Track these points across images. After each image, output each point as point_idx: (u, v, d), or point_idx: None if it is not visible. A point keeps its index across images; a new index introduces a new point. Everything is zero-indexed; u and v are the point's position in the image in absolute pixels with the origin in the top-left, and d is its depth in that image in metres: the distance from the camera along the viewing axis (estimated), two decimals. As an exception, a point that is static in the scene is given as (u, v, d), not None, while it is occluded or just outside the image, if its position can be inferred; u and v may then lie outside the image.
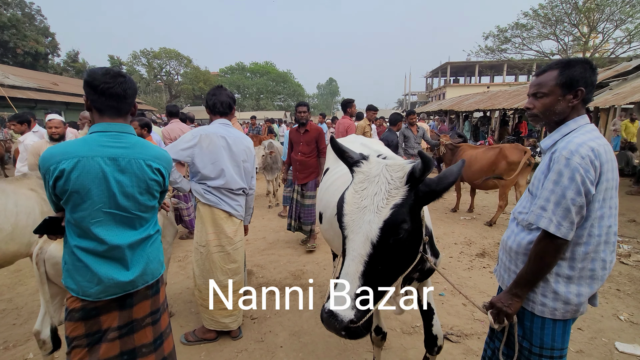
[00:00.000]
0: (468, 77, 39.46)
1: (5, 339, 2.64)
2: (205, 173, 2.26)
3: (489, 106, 11.23)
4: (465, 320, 2.78)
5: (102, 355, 1.47)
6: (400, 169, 1.16)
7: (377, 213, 1.09)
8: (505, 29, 20.98)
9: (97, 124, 1.44)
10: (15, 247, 2.31)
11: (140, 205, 1.47)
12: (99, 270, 1.40)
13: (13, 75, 18.71)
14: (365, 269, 1.08)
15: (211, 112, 2.41)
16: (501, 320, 1.30)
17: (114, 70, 1.44)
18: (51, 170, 1.32)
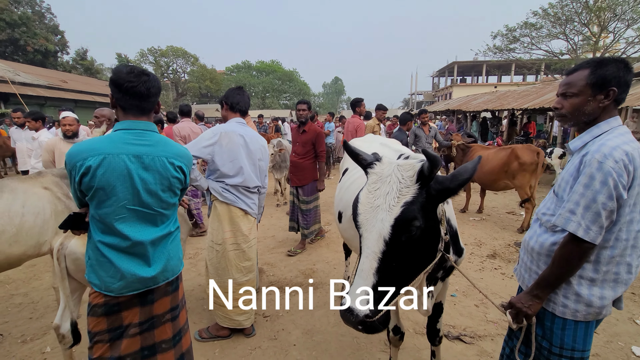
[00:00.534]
0: (475, 76, 39.14)
1: (22, 332, 2.68)
2: (224, 171, 2.28)
3: (497, 106, 11.13)
4: (478, 322, 2.77)
5: (124, 351, 1.49)
6: (411, 168, 1.17)
7: (389, 211, 1.12)
8: (514, 28, 20.75)
9: (122, 122, 1.46)
10: (20, 249, 2.26)
11: (162, 203, 1.48)
12: (122, 266, 1.42)
13: (24, 73, 18.94)
14: (380, 266, 1.10)
15: (231, 109, 2.43)
16: (520, 321, 1.29)
17: (138, 69, 1.45)
18: (77, 166, 1.34)
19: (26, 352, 2.46)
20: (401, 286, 1.18)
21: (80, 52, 30.63)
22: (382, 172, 1.21)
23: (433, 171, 1.13)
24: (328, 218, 5.71)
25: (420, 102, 43.99)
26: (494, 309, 2.95)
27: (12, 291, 3.35)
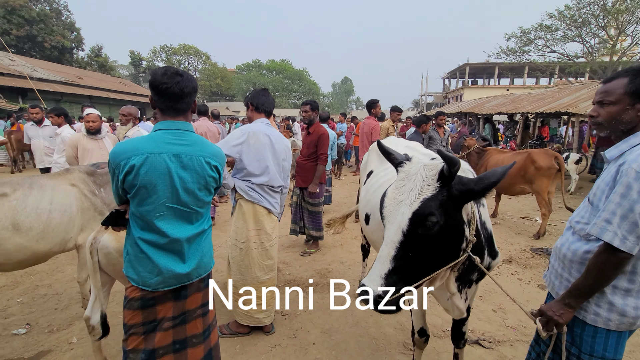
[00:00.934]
0: (487, 78, 38.72)
1: (49, 323, 2.76)
2: (251, 169, 2.32)
3: (511, 109, 10.99)
4: (497, 327, 2.76)
5: (157, 343, 1.54)
6: (434, 168, 1.23)
7: (410, 206, 1.19)
8: (529, 30, 20.46)
9: (161, 122, 1.50)
10: (47, 246, 2.31)
11: (198, 201, 1.52)
12: (159, 262, 1.46)
13: (41, 69, 19.38)
14: (396, 254, 1.18)
15: (256, 110, 2.47)
16: (550, 329, 1.29)
17: (172, 70, 1.49)
18: (121, 165, 1.38)
19: (54, 341, 2.53)
20: (417, 277, 1.24)
21: (95, 49, 31.17)
22: (409, 170, 1.28)
23: (451, 171, 1.18)
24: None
25: (431, 103, 43.67)
26: (513, 314, 2.94)
27: (37, 282, 3.45)
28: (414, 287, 1.23)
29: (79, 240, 2.47)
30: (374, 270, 1.19)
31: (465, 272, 1.49)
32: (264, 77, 41.83)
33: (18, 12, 24.47)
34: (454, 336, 1.89)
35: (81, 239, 2.49)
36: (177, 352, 1.59)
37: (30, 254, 2.16)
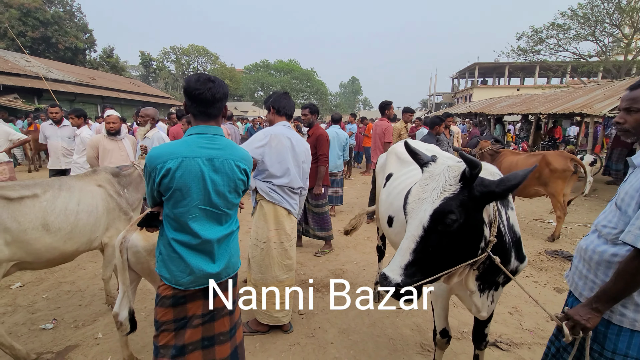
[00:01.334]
0: (497, 78, 38.26)
1: (74, 319, 2.85)
2: (272, 171, 2.38)
3: (523, 110, 10.88)
4: (514, 329, 2.76)
5: (187, 340, 1.59)
6: (457, 169, 1.28)
7: (431, 204, 1.25)
8: (540, 30, 20.18)
9: (194, 127, 1.55)
10: (74, 246, 2.38)
11: (228, 203, 1.57)
12: (191, 262, 1.52)
13: (55, 70, 19.78)
14: (416, 248, 1.25)
15: (277, 113, 2.53)
16: (577, 333, 1.31)
17: (204, 76, 1.53)
18: (158, 168, 1.43)
19: (80, 336, 2.62)
20: (435, 271, 1.29)
21: (107, 50, 31.67)
22: (434, 170, 1.34)
23: (472, 173, 1.22)
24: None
25: (439, 103, 43.34)
26: (529, 317, 2.94)
27: (60, 279, 3.55)
28: (431, 280, 1.29)
29: (104, 240, 2.55)
30: (394, 261, 1.27)
31: (489, 273, 1.51)
32: (272, 77, 41.99)
33: (33, 14, 25.00)
34: (476, 337, 1.92)
35: (106, 238, 2.57)
36: (206, 348, 1.64)
37: (59, 254, 2.24)
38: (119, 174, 2.76)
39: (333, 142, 5.65)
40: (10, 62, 17.14)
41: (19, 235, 1.98)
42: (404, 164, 2.46)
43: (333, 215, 5.94)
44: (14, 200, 2.00)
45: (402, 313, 2.97)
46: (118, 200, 2.62)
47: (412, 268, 1.25)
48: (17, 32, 23.52)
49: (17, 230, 1.97)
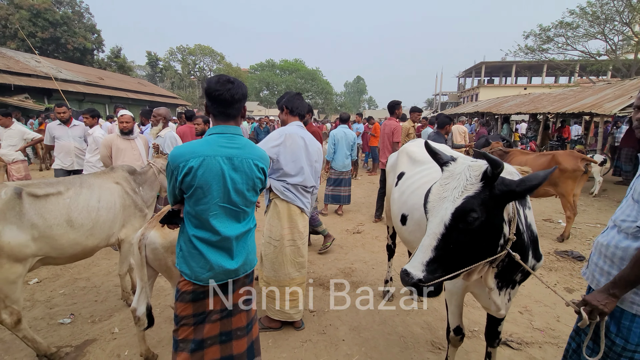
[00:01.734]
0: (504, 77, 37.94)
1: (91, 314, 2.92)
2: (287, 170, 2.42)
3: (531, 109, 10.79)
4: (524, 329, 2.77)
5: (205, 334, 1.63)
6: (479, 168, 1.31)
7: (453, 202, 1.28)
8: (548, 28, 19.96)
9: (215, 127, 1.59)
10: (95, 242, 2.46)
11: (246, 201, 1.61)
12: (211, 258, 1.56)
13: (65, 70, 20.04)
14: (437, 245, 1.28)
15: (291, 113, 2.57)
16: (594, 317, 1.33)
17: (224, 78, 1.57)
18: (181, 167, 1.48)
19: (97, 331, 2.68)
20: (455, 267, 1.32)
21: (115, 50, 31.98)
22: (454, 170, 1.37)
23: (494, 173, 1.25)
24: (360, 219, 5.78)
25: (445, 103, 43.10)
26: (539, 316, 2.95)
27: (76, 275, 3.63)
28: (452, 276, 1.32)
29: (120, 235, 2.61)
30: (415, 258, 1.30)
31: (508, 271, 1.54)
32: (277, 76, 42.05)
33: (43, 15, 25.35)
34: (489, 335, 1.94)
35: (123, 234, 2.64)
36: (223, 343, 1.68)
37: (81, 249, 2.31)
38: (135, 171, 2.82)
39: (341, 142, 5.69)
40: (21, 63, 17.41)
41: (45, 230, 2.04)
42: (415, 164, 2.49)
43: (340, 214, 5.97)
44: (40, 198, 2.06)
45: (412, 311, 2.99)
46: (134, 197, 2.68)
47: (434, 265, 1.28)
48: (28, 32, 23.86)
49: (43, 226, 2.03)
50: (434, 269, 1.28)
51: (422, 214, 2.04)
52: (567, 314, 2.98)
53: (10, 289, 1.94)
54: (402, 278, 1.30)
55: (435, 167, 2.27)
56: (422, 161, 2.46)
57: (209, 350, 1.65)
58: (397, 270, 3.78)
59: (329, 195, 5.85)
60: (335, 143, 5.67)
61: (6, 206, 1.89)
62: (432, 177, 2.15)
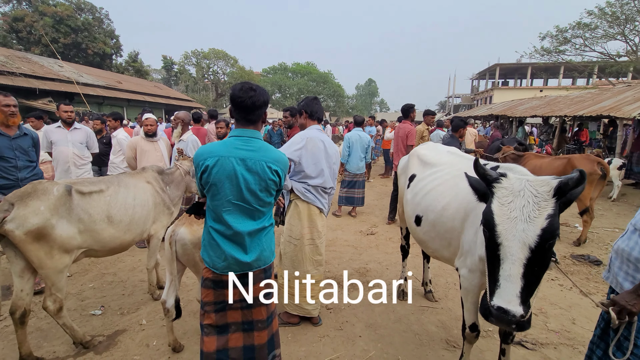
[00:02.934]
0: (519, 79, 37.34)
1: (120, 306, 3.09)
2: (308, 172, 2.54)
3: (547, 112, 10.65)
4: (539, 330, 2.80)
5: (229, 319, 1.73)
6: (545, 184, 1.31)
7: (530, 222, 1.26)
8: (565, 29, 19.60)
9: (235, 130, 1.72)
10: (131, 237, 2.63)
11: (260, 200, 1.69)
12: (226, 249, 1.66)
13: (86, 74, 20.76)
14: (525, 271, 1.25)
15: (310, 117, 2.69)
16: (622, 317, 1.36)
17: (247, 85, 1.69)
18: (200, 165, 1.63)
19: (126, 322, 2.84)
20: (533, 291, 1.32)
21: (132, 55, 32.89)
22: (512, 187, 1.34)
23: (575, 187, 1.26)
24: (374, 220, 5.85)
25: (458, 105, 42.63)
26: (555, 318, 2.97)
27: (103, 270, 3.82)
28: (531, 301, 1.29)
29: (151, 232, 2.78)
30: (506, 291, 1.24)
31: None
32: (289, 79, 42.42)
33: (65, 21, 26.33)
34: (504, 334, 1.99)
35: (153, 230, 2.80)
36: (246, 332, 1.77)
37: (119, 243, 2.47)
38: (163, 172, 2.99)
39: (355, 145, 5.79)
40: (45, 67, 18.14)
41: (89, 225, 2.21)
42: (426, 166, 2.57)
43: (354, 216, 6.06)
44: (85, 195, 2.24)
45: (427, 310, 3.05)
46: (163, 195, 2.85)
47: (524, 293, 1.24)
48: (51, 38, 24.81)
49: (88, 221, 2.20)
50: (525, 298, 1.24)
51: (437, 215, 2.13)
52: (584, 317, 2.99)
53: (57, 278, 2.12)
54: (500, 317, 1.24)
55: (446, 169, 2.34)
56: (432, 164, 2.54)
57: (232, 336, 1.75)
58: (411, 270, 3.84)
59: (343, 197, 5.95)
60: (350, 146, 5.77)
61: (59, 202, 2.07)
62: (444, 179, 2.22)
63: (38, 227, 1.97)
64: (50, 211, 2.02)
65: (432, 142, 3.36)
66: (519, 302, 1.23)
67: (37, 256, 2.00)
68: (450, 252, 2.13)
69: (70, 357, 2.42)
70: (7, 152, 2.94)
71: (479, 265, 1.77)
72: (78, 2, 28.83)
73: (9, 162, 2.96)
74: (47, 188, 2.08)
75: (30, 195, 2.01)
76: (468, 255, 1.86)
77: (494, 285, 1.32)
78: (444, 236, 2.11)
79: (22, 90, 14.72)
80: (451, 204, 2.06)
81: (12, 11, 26.39)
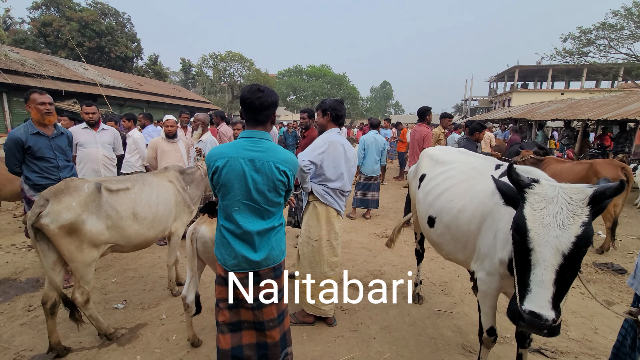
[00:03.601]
0: (539, 82, 36.38)
1: (141, 301, 3.20)
2: (329, 175, 2.58)
3: (569, 116, 10.33)
4: (559, 338, 2.73)
5: (242, 317, 1.77)
6: (580, 192, 1.32)
7: (564, 229, 1.27)
8: (589, 30, 18.97)
9: (244, 131, 1.76)
10: (154, 233, 2.73)
11: (268, 201, 1.71)
12: (236, 247, 1.70)
13: (108, 77, 21.51)
14: (557, 277, 1.27)
15: (334, 120, 2.71)
16: None
17: (255, 87, 1.72)
18: (211, 166, 1.68)
19: (147, 317, 2.94)
20: (565, 294, 1.33)
21: (152, 58, 33.87)
22: (545, 193, 1.35)
23: (612, 196, 1.27)
24: (388, 223, 5.83)
25: (475, 108, 41.86)
26: (575, 327, 2.89)
27: (125, 266, 3.96)
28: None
29: (172, 229, 2.87)
30: (538, 296, 1.26)
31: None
32: (304, 82, 42.66)
33: (90, 26, 27.40)
34: (520, 335, 1.96)
35: (174, 228, 2.90)
36: (258, 330, 1.80)
37: (143, 240, 2.58)
38: (184, 172, 3.08)
39: (371, 147, 5.79)
40: (71, 70, 18.90)
41: (116, 221, 2.32)
42: (437, 164, 2.56)
43: (368, 218, 6.05)
44: (113, 192, 2.35)
45: (442, 315, 3.03)
46: (183, 194, 2.94)
47: (556, 298, 1.26)
48: (76, 42, 25.83)
49: (115, 217, 2.31)
50: (556, 303, 1.25)
51: (452, 218, 2.12)
52: (606, 327, 2.90)
53: (86, 271, 2.23)
54: (532, 322, 1.25)
55: (458, 168, 2.33)
56: (444, 162, 2.53)
57: (246, 333, 1.79)
58: (426, 274, 3.82)
59: (358, 199, 5.95)
60: (365, 148, 5.78)
61: (89, 198, 2.18)
62: (458, 179, 2.21)
63: (70, 222, 2.09)
64: (81, 207, 2.14)
65: (448, 146, 3.34)
66: (551, 306, 1.24)
67: (69, 250, 2.12)
68: (465, 255, 2.12)
69: (95, 347, 2.52)
70: (47, 152, 2.95)
71: (498, 268, 1.76)
72: (102, 8, 29.96)
73: (51, 163, 2.99)
74: (78, 185, 2.20)
75: (63, 191, 2.13)
76: (486, 259, 1.85)
77: (524, 290, 1.32)
78: (459, 239, 2.10)
79: (49, 91, 15.33)
80: (468, 207, 2.05)
81: (41, 16, 27.66)
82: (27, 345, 2.52)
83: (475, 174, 2.16)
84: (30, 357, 2.39)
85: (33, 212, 2.03)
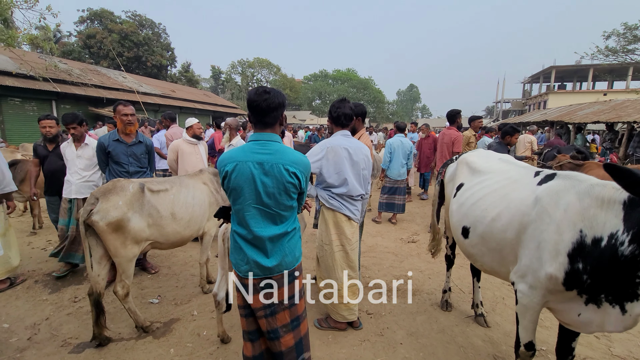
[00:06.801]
0: (578, 82, 34.33)
1: (174, 297, 3.35)
2: (330, 182, 2.53)
3: (612, 118, 9.67)
4: (601, 354, 2.57)
5: (258, 326, 1.76)
6: None
7: None
8: (635, 26, 17.71)
9: (253, 134, 1.73)
10: (189, 233, 2.88)
11: (280, 204, 1.65)
12: (248, 252, 1.67)
13: (145, 84, 22.77)
14: None
15: (334, 123, 2.66)
16: None
17: (261, 89, 1.68)
18: (221, 170, 1.67)
19: (179, 312, 3.08)
20: None
21: (185, 66, 35.51)
22: None
23: None
24: (415, 228, 5.73)
25: (507, 110, 40.17)
26: (620, 343, 2.70)
27: (159, 263, 4.16)
28: None
29: (205, 229, 3.01)
30: None
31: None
32: (330, 86, 42.92)
33: (129, 37, 29.26)
34: (562, 351, 1.85)
35: (207, 228, 3.03)
36: (272, 340, 1.76)
37: (179, 238, 2.72)
38: (217, 173, 3.21)
39: (397, 151, 5.73)
40: (112, 79, 20.21)
41: (157, 220, 2.47)
42: (475, 174, 2.46)
43: (394, 223, 5.97)
44: (154, 193, 2.51)
45: (472, 323, 2.94)
46: (216, 196, 3.07)
47: None
48: (117, 52, 27.63)
49: (156, 216, 2.47)
50: None
51: (486, 228, 2.05)
52: (655, 345, 2.68)
53: (127, 266, 2.38)
54: None
55: (495, 178, 2.24)
56: (482, 171, 2.42)
57: (263, 339, 1.79)
58: (455, 281, 3.71)
59: (383, 203, 5.90)
60: (392, 152, 5.73)
61: (134, 198, 2.35)
62: (493, 188, 2.12)
63: (117, 220, 2.25)
64: (127, 206, 2.30)
65: (481, 150, 3.24)
66: None
67: (114, 245, 2.28)
68: (503, 266, 2.02)
69: (133, 339, 2.68)
70: (122, 157, 3.31)
71: (544, 282, 1.66)
72: (140, 19, 31.85)
73: (123, 167, 3.33)
74: (124, 185, 2.37)
75: (111, 191, 2.31)
76: (529, 271, 1.75)
77: None
78: (495, 249, 2.02)
79: (92, 99, 16.50)
80: (502, 215, 1.96)
81: (86, 29, 29.84)
82: (72, 333, 2.72)
83: (511, 182, 2.08)
84: (75, 345, 2.58)
85: (85, 209, 2.21)
